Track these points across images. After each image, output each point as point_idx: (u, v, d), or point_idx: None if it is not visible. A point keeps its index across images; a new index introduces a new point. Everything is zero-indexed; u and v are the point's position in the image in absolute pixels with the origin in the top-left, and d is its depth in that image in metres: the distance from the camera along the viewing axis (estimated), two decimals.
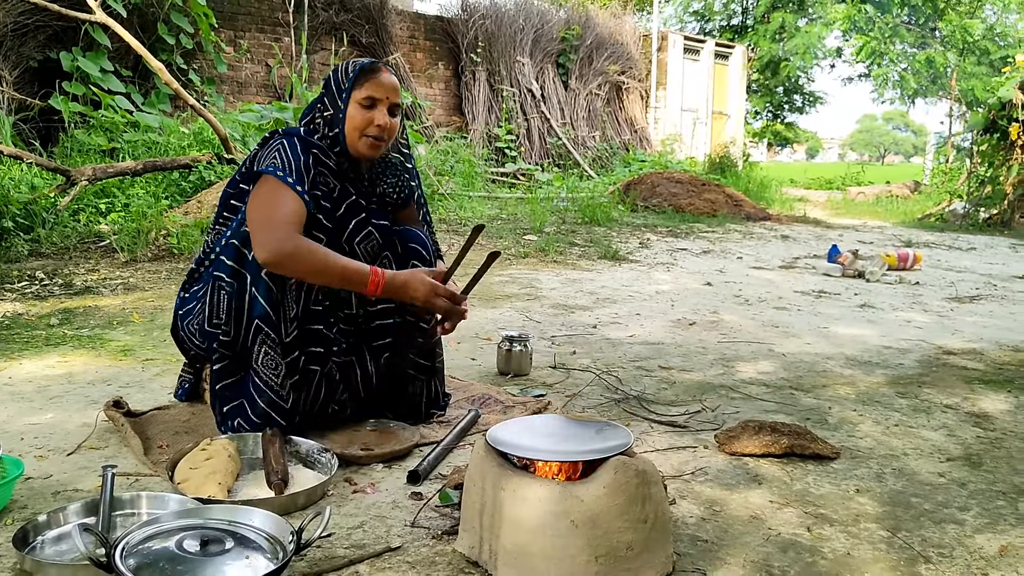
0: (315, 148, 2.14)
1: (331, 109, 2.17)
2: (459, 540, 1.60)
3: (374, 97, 2.14)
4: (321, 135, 2.18)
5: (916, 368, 3.22)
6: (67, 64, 7.37)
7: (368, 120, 2.14)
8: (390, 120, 2.17)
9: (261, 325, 2.02)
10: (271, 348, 2.04)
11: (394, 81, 2.19)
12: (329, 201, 2.16)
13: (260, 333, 2.03)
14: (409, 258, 2.31)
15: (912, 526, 1.78)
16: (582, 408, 2.56)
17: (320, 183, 2.15)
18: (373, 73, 2.16)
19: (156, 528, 1.50)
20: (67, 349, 3.09)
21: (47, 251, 4.99)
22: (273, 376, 2.05)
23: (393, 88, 2.17)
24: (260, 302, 2.02)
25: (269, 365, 2.04)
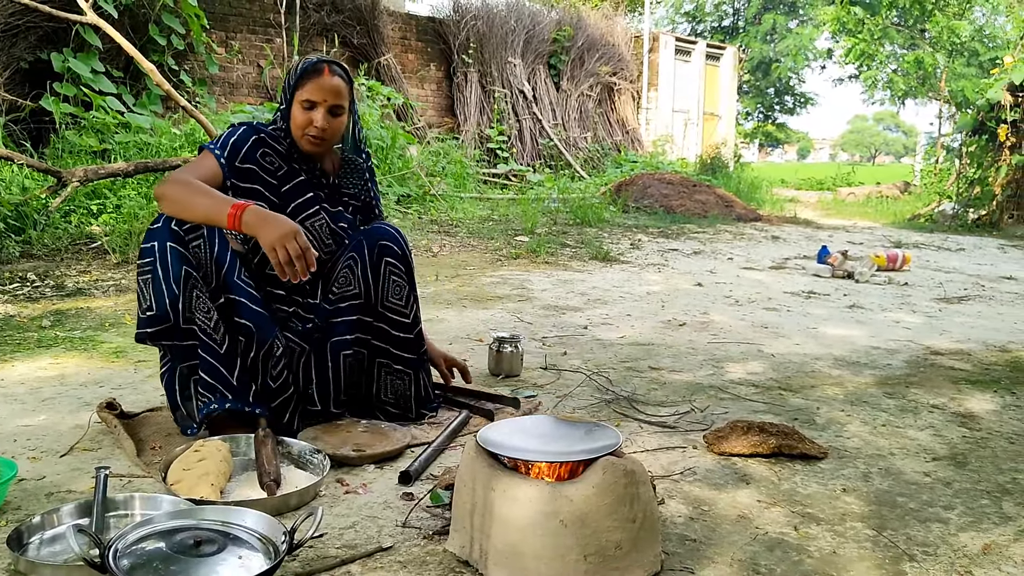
0: (263, 133, 2.29)
1: (284, 104, 2.29)
2: (450, 540, 1.62)
3: (312, 100, 2.22)
4: (276, 126, 2.32)
5: (904, 368, 3.25)
6: (58, 65, 7.34)
7: (308, 120, 2.24)
8: (331, 121, 2.25)
9: (190, 271, 2.05)
10: (201, 292, 2.06)
11: (336, 84, 2.23)
12: (273, 177, 2.29)
13: (190, 279, 2.05)
14: (382, 257, 2.31)
15: (897, 525, 1.81)
16: (572, 409, 2.58)
17: (264, 162, 2.28)
18: (315, 75, 2.22)
19: (149, 529, 1.52)
20: (59, 351, 3.09)
21: (38, 253, 4.99)
22: (207, 321, 2.05)
23: (333, 91, 2.23)
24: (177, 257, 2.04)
25: (202, 309, 2.06)
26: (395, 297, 2.34)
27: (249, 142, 2.27)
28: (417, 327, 2.39)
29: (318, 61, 2.25)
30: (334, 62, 2.28)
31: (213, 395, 2.05)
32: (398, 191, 8.01)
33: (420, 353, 2.41)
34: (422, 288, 2.48)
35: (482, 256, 6.05)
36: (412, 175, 8.36)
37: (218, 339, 2.06)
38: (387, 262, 2.32)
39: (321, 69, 2.23)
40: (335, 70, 2.26)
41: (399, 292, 2.34)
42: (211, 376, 2.05)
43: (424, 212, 7.87)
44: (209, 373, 2.05)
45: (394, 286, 2.33)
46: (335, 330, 2.29)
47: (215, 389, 2.06)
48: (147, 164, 6.15)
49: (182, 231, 2.06)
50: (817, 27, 22.04)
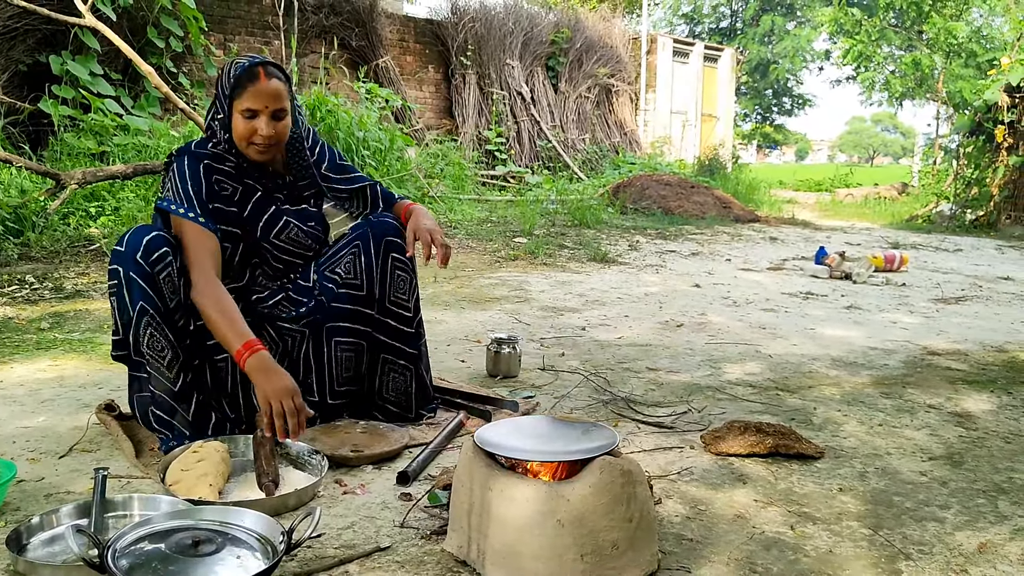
0: (207, 159, 2.17)
1: (221, 113, 2.16)
2: (448, 540, 1.63)
3: (253, 109, 2.10)
4: (217, 139, 2.18)
5: (901, 369, 3.26)
6: (56, 68, 7.35)
7: (251, 130, 2.12)
8: (275, 127, 2.13)
9: (146, 307, 2.00)
10: (156, 331, 2.01)
11: (274, 87, 2.11)
12: (232, 204, 2.20)
13: (145, 315, 2.01)
14: (389, 252, 2.32)
15: (893, 524, 1.81)
16: (570, 410, 2.59)
17: (219, 191, 2.18)
18: (251, 82, 2.09)
19: (148, 529, 1.52)
20: (58, 353, 3.10)
21: (37, 255, 4.99)
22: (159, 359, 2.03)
23: (273, 95, 2.11)
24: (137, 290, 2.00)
25: (155, 347, 2.03)
26: (400, 293, 2.34)
27: (204, 181, 2.14)
28: (417, 318, 2.40)
29: (251, 65, 2.12)
30: (268, 62, 2.15)
31: (171, 431, 2.06)
32: (397, 193, 8.01)
33: (419, 347, 2.41)
34: (421, 290, 2.48)
35: (480, 257, 6.05)
36: (410, 177, 8.36)
37: (172, 377, 2.04)
38: (394, 258, 2.32)
39: (256, 74, 2.10)
40: (271, 72, 2.13)
41: (404, 287, 2.35)
42: (166, 412, 2.06)
43: None
44: (164, 409, 2.06)
45: (399, 281, 2.34)
46: (332, 316, 2.28)
47: (171, 426, 2.06)
48: (145, 166, 6.16)
49: (148, 262, 1.99)
50: (815, 28, 22.07)
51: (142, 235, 2.03)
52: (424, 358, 2.44)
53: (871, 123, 74.78)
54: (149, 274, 1.99)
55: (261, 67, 2.12)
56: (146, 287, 1.99)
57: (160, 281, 2.01)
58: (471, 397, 2.58)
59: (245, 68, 2.11)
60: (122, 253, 2.01)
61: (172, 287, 2.03)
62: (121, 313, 2.04)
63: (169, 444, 2.04)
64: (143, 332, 2.00)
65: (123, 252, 2.01)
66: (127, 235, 2.04)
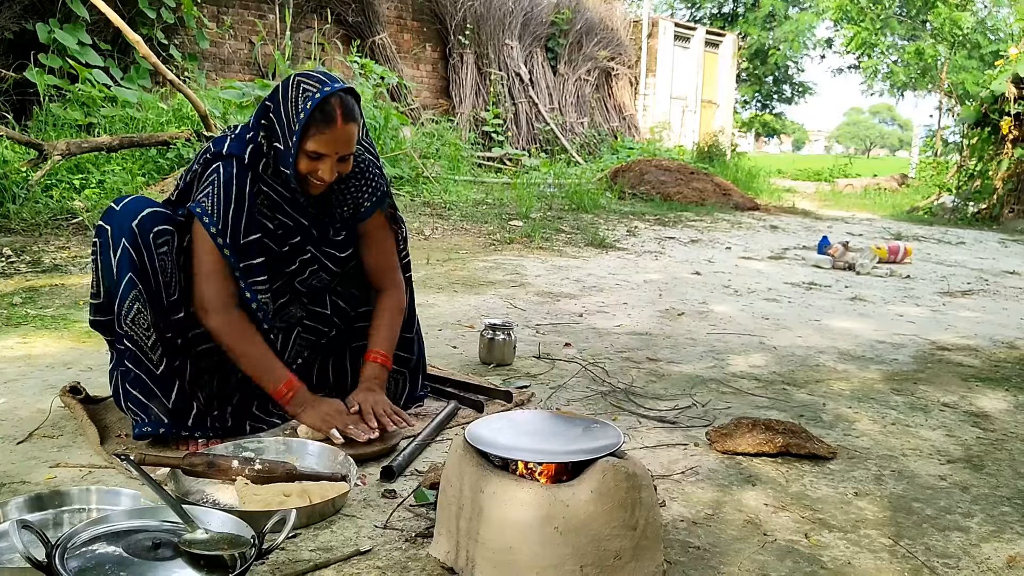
0: (259, 177, 1.95)
1: (280, 142, 1.89)
2: (434, 544, 1.49)
3: (321, 153, 1.87)
4: (267, 163, 1.94)
5: (911, 364, 3.13)
6: (43, 36, 7.13)
7: (313, 169, 1.90)
8: (339, 168, 1.93)
9: (135, 280, 1.84)
10: (143, 308, 1.85)
11: (348, 133, 1.88)
12: (274, 239, 2.00)
13: (133, 288, 1.84)
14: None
15: (915, 533, 1.68)
16: (567, 401, 2.45)
17: (265, 221, 1.97)
18: (327, 125, 1.84)
19: (104, 528, 1.39)
20: (28, 329, 2.95)
21: (16, 227, 4.82)
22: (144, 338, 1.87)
23: (345, 141, 1.88)
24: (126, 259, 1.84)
25: (141, 324, 1.86)
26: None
27: (248, 203, 1.90)
28: (414, 324, 2.30)
29: (328, 102, 1.84)
30: (345, 93, 1.88)
31: (146, 415, 1.89)
32: (390, 172, 7.84)
33: (417, 353, 2.30)
34: (413, 272, 2.34)
35: (475, 240, 5.90)
36: (405, 156, 8.19)
37: (154, 359, 1.88)
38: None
39: (333, 118, 1.84)
40: (348, 113, 1.87)
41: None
42: (144, 395, 1.88)
43: (417, 194, 7.71)
44: (141, 391, 1.88)
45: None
46: (357, 335, 2.19)
47: (148, 410, 1.89)
48: (132, 139, 5.99)
49: (144, 230, 1.83)
50: (818, 14, 21.85)
51: (145, 204, 1.87)
52: (422, 363, 2.34)
53: (869, 115, 74.62)
54: (143, 244, 1.83)
55: (339, 107, 1.85)
56: (136, 257, 1.83)
57: (156, 256, 1.85)
58: (462, 386, 2.44)
59: (320, 104, 1.84)
60: (116, 212, 1.85)
61: (169, 265, 1.88)
62: (104, 277, 1.88)
63: (142, 429, 1.89)
64: (129, 306, 1.84)
65: (117, 211, 1.85)
66: (127, 197, 1.89)
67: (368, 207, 2.10)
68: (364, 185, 2.09)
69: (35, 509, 1.52)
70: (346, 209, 2.10)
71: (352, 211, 2.11)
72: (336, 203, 2.09)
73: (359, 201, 2.10)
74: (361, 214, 2.11)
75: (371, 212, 2.11)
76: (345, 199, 2.09)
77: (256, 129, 1.94)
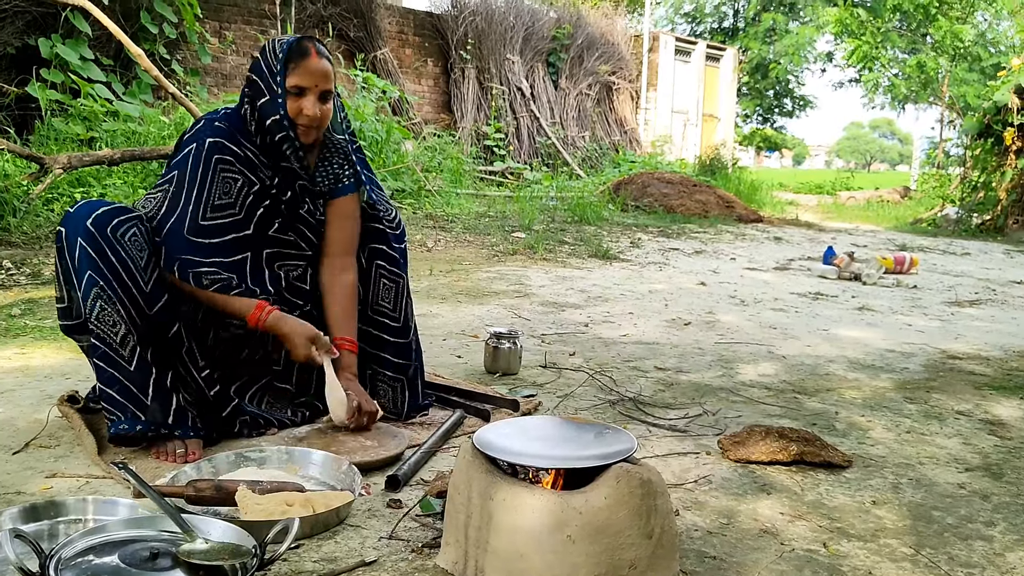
0: (220, 138, 2.00)
1: (265, 95, 1.98)
2: (441, 554, 1.44)
3: (302, 86, 1.97)
4: (253, 126, 2.02)
5: (922, 372, 3.08)
6: (46, 51, 7.13)
7: (297, 109, 1.98)
8: (321, 108, 2.01)
9: (95, 277, 1.80)
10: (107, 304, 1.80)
11: (324, 67, 1.99)
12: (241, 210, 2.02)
13: (94, 286, 1.80)
14: (374, 260, 2.23)
15: (936, 542, 1.63)
16: (575, 410, 2.40)
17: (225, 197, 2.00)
18: (302, 57, 1.97)
19: (101, 538, 1.34)
20: (27, 340, 2.90)
21: (17, 240, 4.79)
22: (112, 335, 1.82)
23: (323, 74, 1.99)
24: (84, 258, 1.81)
25: (107, 322, 1.81)
26: (384, 300, 2.23)
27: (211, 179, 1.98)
28: (408, 327, 2.26)
29: (301, 39, 1.99)
30: (316, 39, 2.04)
31: (123, 414, 1.83)
32: (392, 186, 7.82)
33: (410, 356, 2.26)
34: (416, 283, 2.31)
35: (478, 252, 5.86)
36: (407, 170, 8.17)
37: (125, 355, 1.82)
38: (378, 265, 2.23)
39: (307, 50, 1.98)
40: (322, 50, 2.02)
41: (388, 295, 2.23)
42: (118, 393, 1.83)
43: (419, 207, 7.68)
44: (115, 389, 1.83)
45: (384, 289, 2.23)
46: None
47: (124, 408, 1.83)
48: (133, 152, 5.96)
49: (100, 227, 1.80)
50: (818, 28, 21.92)
51: (100, 204, 1.87)
52: (420, 369, 2.30)
53: (869, 129, 74.81)
54: (103, 239, 1.80)
55: (310, 43, 2.00)
56: (94, 254, 1.79)
57: (122, 245, 1.82)
58: (468, 395, 2.39)
59: (294, 42, 1.98)
60: (71, 215, 1.84)
61: (136, 251, 1.85)
62: (65, 278, 1.87)
63: (118, 428, 1.83)
64: (92, 304, 1.79)
65: (72, 214, 1.84)
66: (83, 201, 1.89)
67: (346, 184, 2.17)
68: (345, 163, 2.17)
69: (30, 519, 1.47)
70: (327, 181, 2.15)
71: (331, 184, 2.15)
72: (320, 171, 2.14)
73: (339, 175, 2.16)
74: (338, 190, 2.16)
75: (347, 191, 2.17)
76: (327, 172, 2.15)
77: (242, 97, 2.04)
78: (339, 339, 2.10)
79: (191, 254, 1.94)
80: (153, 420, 1.84)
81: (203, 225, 1.96)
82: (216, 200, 1.98)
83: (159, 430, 1.85)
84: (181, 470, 1.70)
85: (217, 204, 1.98)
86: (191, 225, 1.95)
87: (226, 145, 2.00)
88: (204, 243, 1.96)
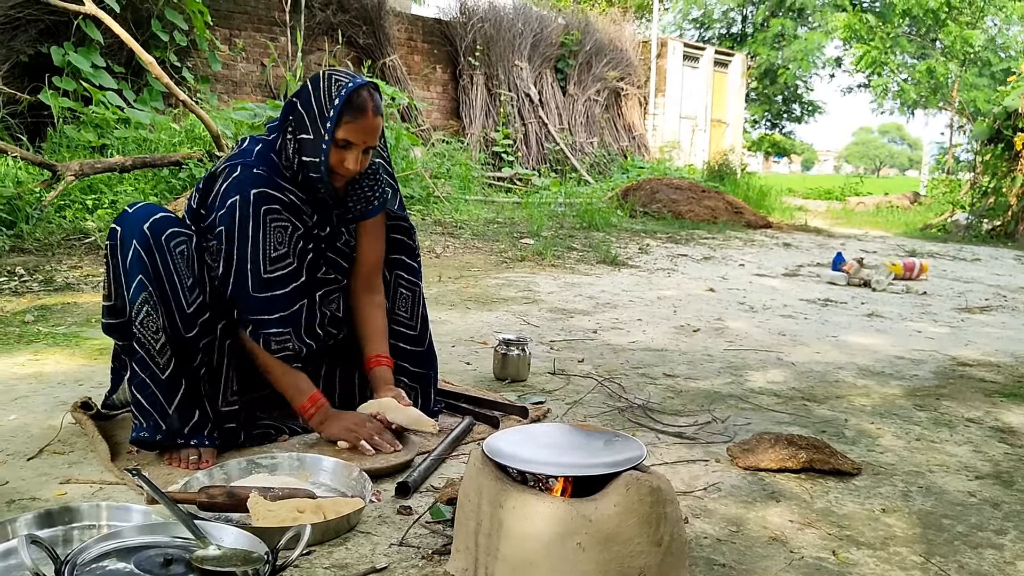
0: (266, 187, 1.93)
1: (308, 132, 1.91)
2: (451, 561, 1.45)
3: (351, 141, 1.91)
4: (291, 161, 1.95)
5: (932, 379, 3.07)
6: (58, 59, 7.19)
7: (339, 160, 1.92)
8: (363, 160, 1.96)
9: (144, 282, 1.82)
10: (153, 311, 1.82)
11: (378, 125, 1.93)
12: (294, 258, 2.00)
13: (143, 291, 1.82)
14: (394, 270, 2.26)
15: (946, 551, 1.63)
16: (584, 417, 2.41)
17: (279, 246, 1.96)
18: (360, 114, 1.89)
19: (115, 544, 1.35)
20: (40, 347, 2.93)
21: (30, 247, 4.82)
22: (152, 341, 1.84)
23: (374, 132, 1.93)
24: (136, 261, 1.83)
25: (150, 328, 1.83)
26: (402, 310, 2.26)
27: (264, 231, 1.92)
28: (425, 337, 2.29)
29: (360, 92, 1.89)
30: (374, 93, 1.93)
31: (146, 421, 1.86)
32: (402, 192, 7.84)
33: (428, 365, 2.29)
34: (425, 289, 2.33)
35: (487, 258, 5.88)
36: (416, 176, 8.19)
37: (161, 363, 1.84)
38: (397, 275, 2.26)
39: (365, 107, 1.89)
40: (378, 109, 1.92)
41: (406, 304, 2.26)
42: (146, 399, 1.85)
43: (428, 213, 7.70)
44: (144, 395, 1.85)
45: (402, 298, 2.26)
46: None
47: (149, 415, 1.85)
48: (144, 159, 6.00)
49: (155, 232, 1.82)
50: (827, 33, 21.90)
51: (159, 208, 1.88)
52: (434, 379, 2.31)
53: (878, 134, 74.56)
54: (155, 247, 1.82)
55: (370, 99, 1.91)
56: (147, 260, 1.82)
57: (171, 257, 1.84)
58: (477, 402, 2.40)
59: (353, 93, 1.88)
60: (128, 215, 1.86)
61: (184, 266, 1.86)
62: (115, 278, 1.88)
63: (139, 435, 1.86)
64: (139, 308, 1.82)
65: (129, 214, 1.86)
66: (141, 202, 1.90)
67: (376, 206, 2.15)
68: (376, 185, 2.14)
69: (45, 525, 1.49)
70: (358, 207, 2.13)
71: (362, 209, 2.13)
72: (350, 200, 2.11)
73: (369, 199, 2.13)
74: (368, 212, 2.14)
75: (377, 212, 2.16)
76: (359, 198, 2.12)
77: (282, 124, 1.97)
78: (375, 357, 2.12)
79: (260, 312, 1.92)
80: (171, 430, 1.86)
81: (266, 279, 1.93)
82: (272, 252, 1.94)
83: (175, 439, 1.87)
84: (194, 476, 1.72)
85: (274, 256, 1.94)
86: (255, 281, 1.92)
87: (271, 194, 1.94)
88: (270, 297, 1.94)
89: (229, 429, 1.98)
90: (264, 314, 1.93)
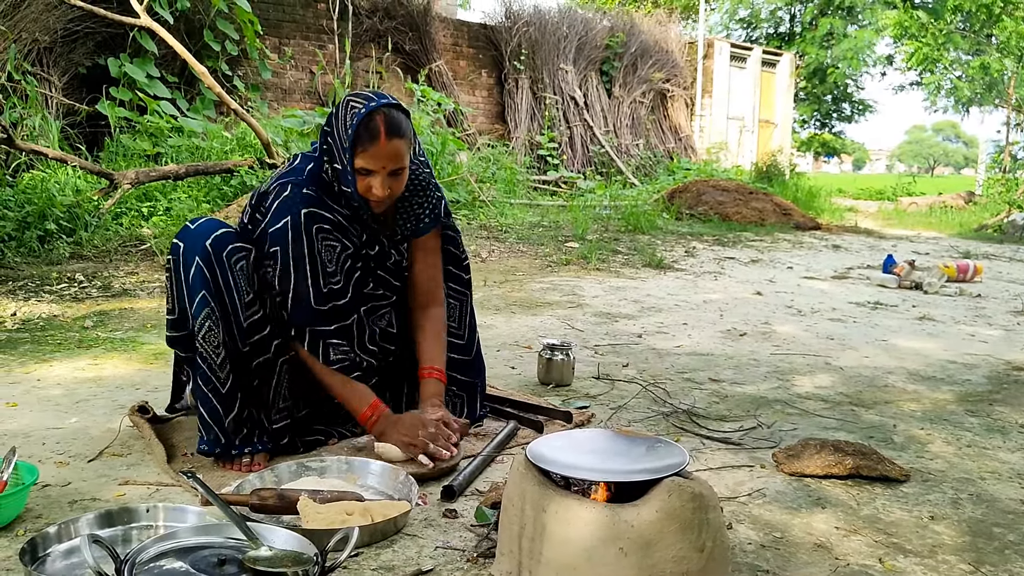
0: (315, 206, 1.96)
1: (338, 162, 1.95)
2: (496, 564, 1.47)
3: (369, 169, 1.91)
4: (330, 184, 1.99)
5: (985, 384, 3.01)
6: (114, 70, 7.41)
7: (366, 188, 1.94)
8: (392, 183, 1.95)
9: (207, 298, 1.87)
10: (215, 326, 1.87)
11: (394, 149, 1.90)
12: (342, 275, 2.04)
13: (205, 306, 1.87)
14: (445, 280, 2.27)
15: (997, 560, 1.61)
16: (628, 422, 2.42)
17: (328, 263, 2.00)
18: (370, 141, 1.88)
19: (171, 544, 1.41)
20: (99, 351, 3.03)
21: (88, 254, 4.98)
22: (214, 356, 1.89)
23: (391, 156, 1.90)
24: (199, 277, 1.87)
25: (211, 342, 1.88)
26: (451, 320, 2.28)
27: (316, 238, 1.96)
28: (473, 346, 2.32)
29: (371, 119, 1.88)
30: (389, 108, 1.91)
31: (208, 433, 1.92)
32: (447, 197, 7.91)
33: (476, 373, 2.32)
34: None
35: (531, 262, 5.90)
36: (462, 181, 8.26)
37: (222, 377, 1.90)
38: (448, 286, 2.27)
39: (376, 133, 1.87)
40: (392, 128, 1.89)
41: (454, 314, 2.28)
42: (208, 414, 1.91)
43: (473, 217, 7.76)
44: (206, 409, 1.91)
45: (450, 308, 2.27)
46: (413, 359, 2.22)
47: (210, 429, 1.91)
48: (198, 167, 6.15)
49: (217, 248, 1.87)
50: (877, 31, 21.50)
51: (221, 224, 1.92)
52: (479, 384, 2.34)
53: (932, 132, 72.97)
54: (216, 262, 1.87)
55: (383, 122, 1.89)
56: (208, 275, 1.86)
57: (232, 273, 1.88)
58: (522, 406, 2.43)
59: (362, 120, 1.88)
60: (190, 230, 1.91)
61: (244, 282, 1.91)
62: (178, 293, 1.93)
63: (201, 447, 1.93)
64: (202, 323, 1.87)
65: (192, 230, 1.91)
66: (203, 218, 1.95)
67: (427, 223, 2.15)
68: (424, 201, 2.14)
69: (105, 525, 1.55)
70: (408, 226, 2.14)
71: (412, 227, 2.14)
72: (400, 220, 2.13)
73: (419, 216, 2.14)
74: (420, 230, 2.15)
75: (429, 228, 2.16)
76: (408, 216, 2.13)
77: (320, 154, 2.00)
78: (427, 368, 2.13)
79: (319, 323, 1.97)
80: (229, 443, 1.92)
81: (326, 292, 1.98)
82: (326, 268, 1.98)
83: (230, 451, 1.93)
84: (245, 479, 1.77)
85: (328, 272, 1.99)
86: (316, 295, 1.95)
87: (320, 214, 1.97)
88: (327, 310, 1.98)
89: (281, 440, 2.02)
90: (322, 325, 1.97)
